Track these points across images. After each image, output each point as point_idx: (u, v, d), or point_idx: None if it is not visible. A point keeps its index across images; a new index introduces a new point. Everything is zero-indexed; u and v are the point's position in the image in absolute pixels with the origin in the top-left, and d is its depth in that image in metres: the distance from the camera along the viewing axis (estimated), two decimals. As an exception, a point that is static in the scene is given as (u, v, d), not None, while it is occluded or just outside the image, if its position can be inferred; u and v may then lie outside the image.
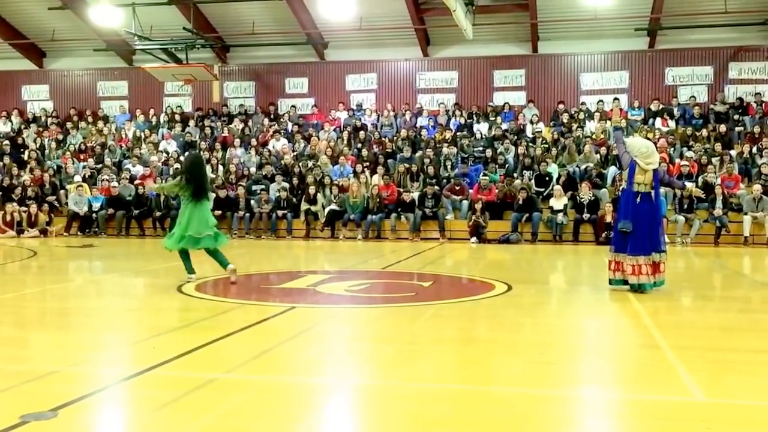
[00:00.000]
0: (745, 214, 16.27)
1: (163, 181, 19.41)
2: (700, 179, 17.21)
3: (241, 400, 4.17)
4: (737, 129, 20.26)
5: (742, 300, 8.89)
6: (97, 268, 12.45)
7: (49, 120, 24.85)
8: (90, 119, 24.69)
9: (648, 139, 18.64)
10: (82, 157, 21.99)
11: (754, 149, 18.78)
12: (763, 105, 20.83)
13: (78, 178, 20.42)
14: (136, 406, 4.22)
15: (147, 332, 6.38)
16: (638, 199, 8.22)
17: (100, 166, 21.19)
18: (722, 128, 19.73)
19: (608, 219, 16.17)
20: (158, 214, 18.74)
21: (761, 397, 4.34)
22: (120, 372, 4.87)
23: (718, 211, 16.31)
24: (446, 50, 23.34)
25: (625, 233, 8.19)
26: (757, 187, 16.51)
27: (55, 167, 21.41)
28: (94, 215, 18.96)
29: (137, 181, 19.82)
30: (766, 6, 20.07)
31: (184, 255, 9.24)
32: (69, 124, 24.26)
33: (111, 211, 18.86)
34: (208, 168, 16.45)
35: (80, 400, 4.12)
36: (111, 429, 3.95)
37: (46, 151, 22.75)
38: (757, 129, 19.56)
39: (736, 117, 20.68)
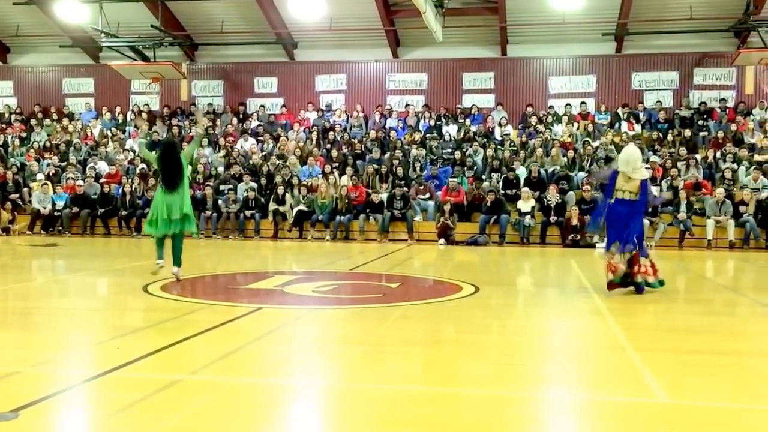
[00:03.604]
0: (709, 218, 16.50)
1: (130, 181, 19.18)
2: (664, 183, 17.44)
3: (206, 402, 4.13)
4: (702, 134, 20.57)
5: (705, 303, 9.03)
6: (60, 268, 12.27)
7: (13, 117, 24.44)
8: (55, 116, 24.32)
9: (614, 142, 18.69)
10: (46, 155, 21.67)
11: (718, 154, 19.06)
12: (727, 110, 21.16)
13: (41, 176, 20.11)
14: (99, 407, 4.17)
15: (111, 332, 6.29)
16: (624, 208, 8.29)
17: (64, 164, 20.90)
18: (687, 133, 20.00)
19: (574, 222, 16.32)
20: (124, 213, 18.53)
21: (724, 398, 4.40)
22: (83, 373, 4.81)
23: (682, 215, 16.53)
24: (416, 52, 23.37)
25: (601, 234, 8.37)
26: (720, 191, 16.73)
27: (18, 165, 21.04)
28: (58, 213, 18.69)
29: (102, 180, 19.58)
30: (730, 13, 20.39)
31: (159, 240, 8.87)
32: (33, 121, 23.86)
33: (75, 209, 18.60)
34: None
35: (42, 401, 4.06)
36: (73, 431, 3.89)
37: (10, 149, 22.37)
38: (720, 134, 19.85)
39: (700, 122, 20.99)
